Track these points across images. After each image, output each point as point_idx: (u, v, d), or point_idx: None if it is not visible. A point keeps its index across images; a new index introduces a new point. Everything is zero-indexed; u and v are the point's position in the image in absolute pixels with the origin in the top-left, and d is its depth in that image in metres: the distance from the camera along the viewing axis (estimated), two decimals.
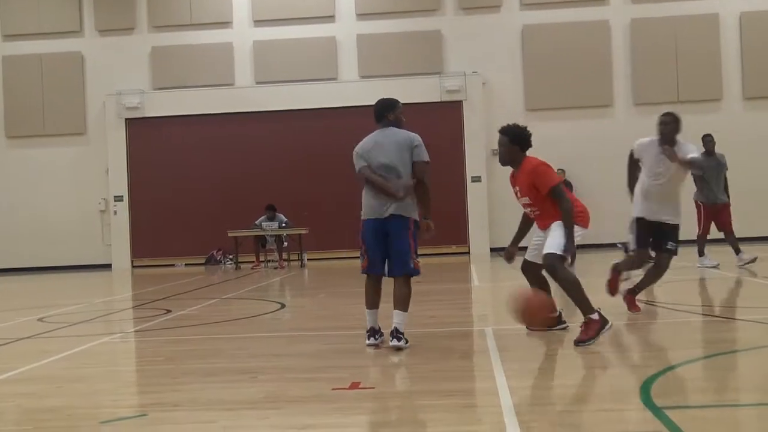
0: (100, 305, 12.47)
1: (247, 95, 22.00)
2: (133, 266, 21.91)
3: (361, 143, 7.15)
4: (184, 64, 22.14)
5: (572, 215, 6.84)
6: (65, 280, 19.39)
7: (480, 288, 13.08)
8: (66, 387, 6.05)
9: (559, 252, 6.80)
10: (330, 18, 21.99)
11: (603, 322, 6.72)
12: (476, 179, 21.17)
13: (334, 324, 8.94)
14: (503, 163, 7.22)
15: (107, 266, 21.87)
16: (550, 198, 6.94)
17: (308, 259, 20.10)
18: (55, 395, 5.79)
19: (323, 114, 21.52)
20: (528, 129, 7.17)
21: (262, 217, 19.78)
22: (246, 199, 21.08)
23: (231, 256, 20.52)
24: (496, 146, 7.46)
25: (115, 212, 22.06)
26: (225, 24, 22.25)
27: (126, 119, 22.05)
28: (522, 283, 7.43)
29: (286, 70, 21.85)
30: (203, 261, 21.59)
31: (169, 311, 10.76)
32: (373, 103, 7.22)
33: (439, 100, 21.22)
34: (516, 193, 7.23)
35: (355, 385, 5.49)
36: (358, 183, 7.17)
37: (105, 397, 5.79)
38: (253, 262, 19.83)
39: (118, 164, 22.08)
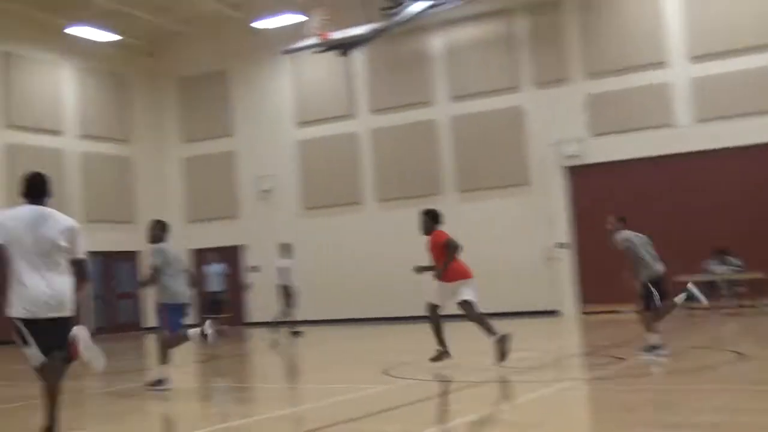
0: (551, 352, 12.77)
1: (686, 135, 21.27)
2: (583, 312, 22.01)
3: None
4: (620, 109, 22.08)
5: None
6: (515, 326, 20.11)
7: None
8: None
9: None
10: None
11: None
12: None
13: None
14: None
15: (551, 312, 22.27)
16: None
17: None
18: None
19: None
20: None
21: (711, 261, 18.91)
22: (690, 242, 20.25)
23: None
24: None
25: (559, 259, 22.48)
26: (660, 64, 21.82)
27: (565, 167, 22.55)
28: None
29: (730, 105, 20.73)
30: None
31: (622, 359, 10.66)
32: None
33: None
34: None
35: None
36: None
37: None
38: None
39: (559, 211, 22.58)
